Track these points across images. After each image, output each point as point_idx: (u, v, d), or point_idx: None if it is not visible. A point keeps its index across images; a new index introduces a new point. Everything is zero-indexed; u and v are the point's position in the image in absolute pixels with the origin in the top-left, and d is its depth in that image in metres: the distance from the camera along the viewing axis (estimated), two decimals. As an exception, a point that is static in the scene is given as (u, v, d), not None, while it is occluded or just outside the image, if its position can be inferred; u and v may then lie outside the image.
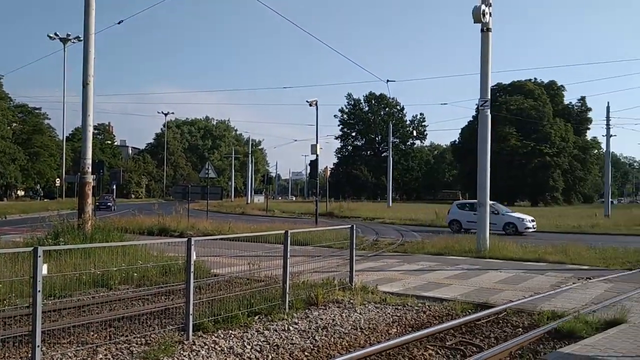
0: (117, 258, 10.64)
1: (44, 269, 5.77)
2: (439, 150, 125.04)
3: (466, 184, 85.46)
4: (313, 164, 37.48)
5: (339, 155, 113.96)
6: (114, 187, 60.13)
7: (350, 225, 11.36)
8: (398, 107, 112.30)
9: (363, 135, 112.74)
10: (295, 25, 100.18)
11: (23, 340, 6.52)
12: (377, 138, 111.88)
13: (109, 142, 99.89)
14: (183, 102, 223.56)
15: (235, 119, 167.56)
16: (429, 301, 9.88)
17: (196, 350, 6.60)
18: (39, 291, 5.50)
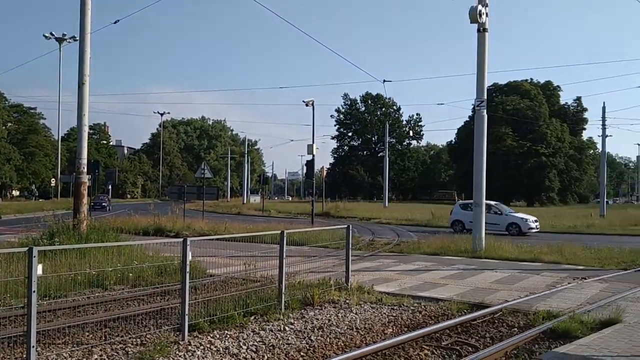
0: (112, 258, 10.64)
1: (39, 269, 5.76)
2: (435, 151, 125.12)
3: (462, 184, 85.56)
4: (309, 164, 37.62)
5: (335, 155, 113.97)
6: (109, 187, 59.90)
7: (346, 226, 11.38)
8: (394, 107, 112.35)
9: (359, 135, 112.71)
10: (292, 25, 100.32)
11: (18, 340, 6.50)
12: (373, 138, 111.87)
13: (104, 142, 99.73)
14: (179, 102, 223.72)
15: (231, 119, 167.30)
16: (424, 301, 9.90)
17: (192, 351, 6.60)
18: (34, 291, 5.49)
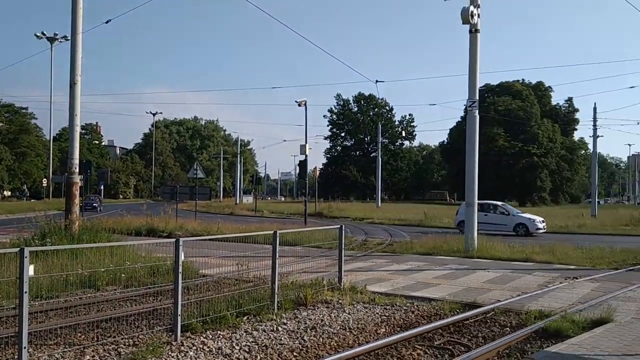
0: (104, 259, 10.57)
1: (30, 270, 5.73)
2: (428, 151, 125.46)
3: (454, 184, 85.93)
4: (302, 164, 37.64)
5: (328, 155, 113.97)
6: (101, 188, 59.72)
7: (339, 226, 11.39)
8: (387, 108, 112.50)
9: (352, 135, 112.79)
10: (286, 25, 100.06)
11: (9, 341, 6.46)
12: (366, 138, 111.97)
13: (96, 142, 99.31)
14: (171, 102, 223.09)
15: (224, 119, 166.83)
16: (417, 301, 9.92)
17: (184, 351, 6.59)
18: (25, 292, 5.46)
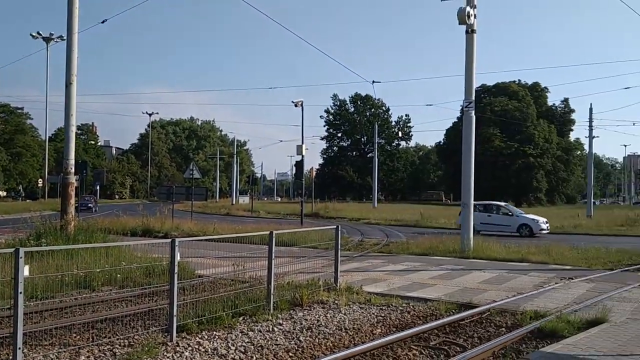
0: (100, 259, 10.55)
1: (25, 271, 5.71)
2: (424, 151, 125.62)
3: (451, 185, 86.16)
4: (298, 165, 37.69)
5: (324, 155, 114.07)
6: (97, 188, 59.64)
7: (335, 226, 11.36)
8: (384, 108, 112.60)
9: (349, 136, 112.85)
10: (282, 25, 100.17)
11: (4, 342, 6.45)
12: (362, 139, 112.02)
13: (92, 142, 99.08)
14: (168, 102, 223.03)
15: (220, 120, 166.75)
16: (413, 301, 9.92)
17: (180, 352, 6.57)
18: (20, 293, 5.44)
